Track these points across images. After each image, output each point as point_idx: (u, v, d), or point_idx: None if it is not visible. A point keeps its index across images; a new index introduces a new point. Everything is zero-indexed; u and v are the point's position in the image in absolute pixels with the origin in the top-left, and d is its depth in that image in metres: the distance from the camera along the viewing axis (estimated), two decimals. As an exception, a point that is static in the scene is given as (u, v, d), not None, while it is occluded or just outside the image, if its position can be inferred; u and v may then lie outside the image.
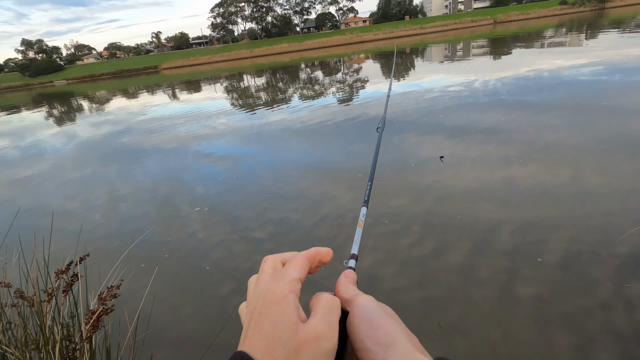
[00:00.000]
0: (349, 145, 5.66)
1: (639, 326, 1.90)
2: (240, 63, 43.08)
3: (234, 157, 5.95)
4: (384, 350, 0.33)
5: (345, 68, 19.90)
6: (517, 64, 11.65)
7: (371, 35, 54.98)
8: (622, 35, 16.25)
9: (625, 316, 1.97)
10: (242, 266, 2.93)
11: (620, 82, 7.24)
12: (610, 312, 2.01)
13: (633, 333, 1.87)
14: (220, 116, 9.78)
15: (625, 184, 3.35)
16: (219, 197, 4.36)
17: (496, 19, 54.07)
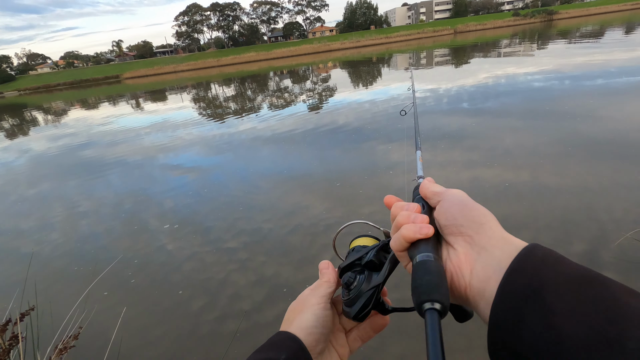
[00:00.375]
0: (320, 153, 5.68)
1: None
2: (207, 72, 42.38)
3: (203, 168, 5.81)
4: (477, 226, 0.36)
5: (314, 76, 20.10)
6: (477, 72, 12.26)
7: (338, 44, 55.98)
8: (569, 45, 17.56)
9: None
10: (215, 277, 2.84)
11: (570, 87, 7.79)
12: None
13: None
14: (188, 126, 9.54)
15: (579, 182, 3.59)
16: (189, 210, 4.23)
17: (456, 29, 56.78)
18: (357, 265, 0.51)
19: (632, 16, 37.34)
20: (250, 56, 55.84)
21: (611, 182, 3.49)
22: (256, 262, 2.99)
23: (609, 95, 6.67)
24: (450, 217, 0.38)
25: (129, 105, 17.91)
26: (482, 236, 0.36)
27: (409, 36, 56.03)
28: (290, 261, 2.93)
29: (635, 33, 19.18)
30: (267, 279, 2.75)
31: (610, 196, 3.21)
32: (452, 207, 0.39)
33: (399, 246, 0.40)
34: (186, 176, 5.51)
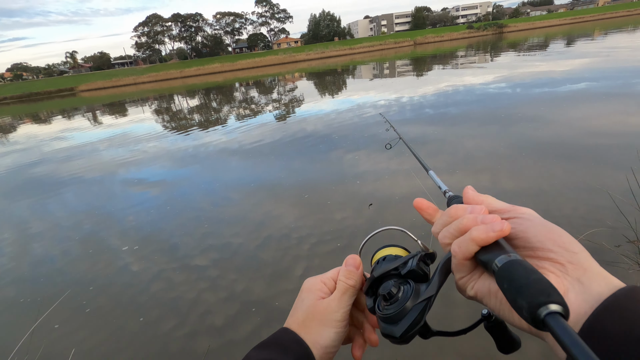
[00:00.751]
0: (289, 163, 5.67)
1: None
2: (170, 84, 41.27)
3: (167, 183, 5.61)
4: (570, 254, 0.34)
5: (281, 87, 20.15)
6: (436, 81, 12.84)
7: (304, 55, 56.60)
8: (518, 56, 18.86)
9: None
10: (184, 296, 2.73)
11: (521, 94, 8.35)
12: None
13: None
14: (151, 139, 9.20)
15: (533, 185, 3.82)
16: (153, 227, 4.05)
17: (416, 40, 59.30)
18: (393, 275, 0.43)
19: (571, 29, 40.82)
20: (215, 67, 55.08)
21: (561, 183, 3.75)
22: (227, 279, 2.91)
23: (556, 102, 7.21)
24: (536, 240, 0.35)
25: (86, 118, 17.02)
26: (577, 267, 0.33)
27: (372, 47, 57.76)
28: (262, 276, 2.88)
29: (575, 45, 20.95)
30: (237, 296, 2.68)
31: (562, 196, 3.45)
32: (537, 229, 0.35)
33: (466, 252, 0.35)
34: (149, 191, 5.29)
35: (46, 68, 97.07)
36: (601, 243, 2.43)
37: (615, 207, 2.28)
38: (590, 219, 2.86)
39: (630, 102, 6.53)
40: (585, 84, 8.58)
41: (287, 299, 2.56)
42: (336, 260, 2.92)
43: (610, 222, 2.58)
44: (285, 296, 2.59)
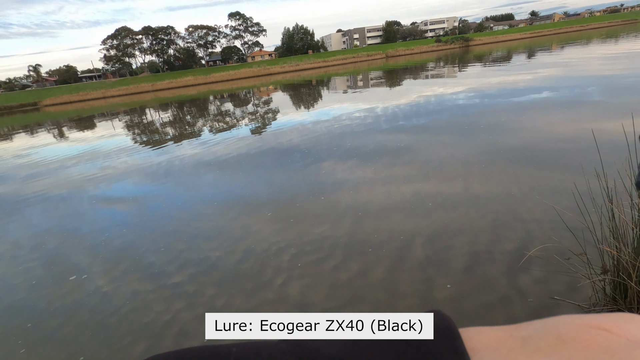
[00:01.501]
0: (266, 175, 5.63)
1: (531, 311, 2.22)
2: (141, 97, 40.28)
3: (140, 199, 5.42)
4: None
5: (256, 99, 20.11)
6: (409, 92, 13.23)
7: (278, 67, 56.91)
8: (484, 68, 19.79)
9: (520, 305, 2.28)
10: (160, 319, 2.61)
11: (488, 104, 8.73)
12: (508, 304, 2.31)
13: (530, 315, 2.17)
14: (121, 154, 8.90)
15: (503, 190, 3.98)
16: (125, 244, 3.89)
17: (387, 53, 61.05)
18: None
19: (531, 43, 43.36)
20: (188, 80, 54.33)
21: (529, 187, 3.92)
22: (205, 296, 2.82)
23: (520, 110, 7.58)
24: None
25: (51, 134, 16.26)
26: None
27: (345, 60, 58.91)
28: (242, 291, 2.82)
29: (536, 57, 22.24)
30: (217, 311, 2.59)
31: (530, 200, 3.60)
32: None
33: None
34: (120, 208, 5.09)
35: (7, 82, 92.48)
36: (552, 255, 2.57)
37: (564, 219, 2.41)
38: (545, 231, 3.00)
39: (585, 108, 6.97)
40: (546, 94, 9.10)
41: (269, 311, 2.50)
42: (319, 267, 2.90)
43: (559, 237, 2.70)
44: (267, 308, 2.54)
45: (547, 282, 2.43)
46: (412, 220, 3.52)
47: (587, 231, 2.07)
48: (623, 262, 1.82)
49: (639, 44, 21.32)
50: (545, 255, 2.64)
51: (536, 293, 2.34)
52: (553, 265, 2.54)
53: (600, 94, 8.14)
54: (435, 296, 2.44)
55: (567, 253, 2.50)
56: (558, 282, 2.40)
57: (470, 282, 2.54)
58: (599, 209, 2.03)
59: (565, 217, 2.65)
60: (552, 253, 2.63)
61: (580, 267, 2.32)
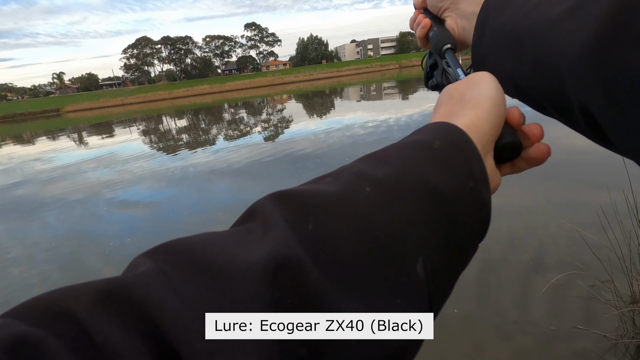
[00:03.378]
0: (278, 183, 5.65)
1: (552, 339, 2.13)
2: (158, 104, 41.24)
3: (155, 203, 5.50)
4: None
5: (269, 108, 20.34)
6: (422, 103, 13.17)
7: (292, 77, 57.57)
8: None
9: (540, 334, 2.20)
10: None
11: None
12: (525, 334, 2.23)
13: (550, 345, 2.08)
14: (138, 160, 9.09)
15: (518, 201, 3.89)
16: (140, 249, 3.93)
17: (401, 64, 61.11)
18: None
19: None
20: (204, 89, 55.39)
21: (544, 200, 3.82)
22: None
23: (538, 118, 7.43)
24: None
25: (71, 139, 16.76)
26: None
27: (359, 70, 59.21)
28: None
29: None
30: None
31: (545, 213, 3.50)
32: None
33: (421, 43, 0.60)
34: (136, 212, 5.17)
35: (32, 89, 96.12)
36: (577, 281, 2.45)
37: (588, 242, 2.33)
38: (565, 255, 2.90)
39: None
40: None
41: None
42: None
43: (583, 262, 2.60)
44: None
45: (571, 310, 2.33)
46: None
47: (614, 255, 1.99)
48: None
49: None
50: (568, 281, 2.54)
51: (557, 321, 2.25)
52: (577, 292, 2.44)
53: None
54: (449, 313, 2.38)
55: (592, 279, 2.39)
56: (582, 310, 2.29)
57: (486, 305, 2.47)
58: (628, 233, 1.95)
59: (590, 241, 2.54)
60: (575, 279, 2.53)
61: (605, 294, 2.22)
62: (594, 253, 2.25)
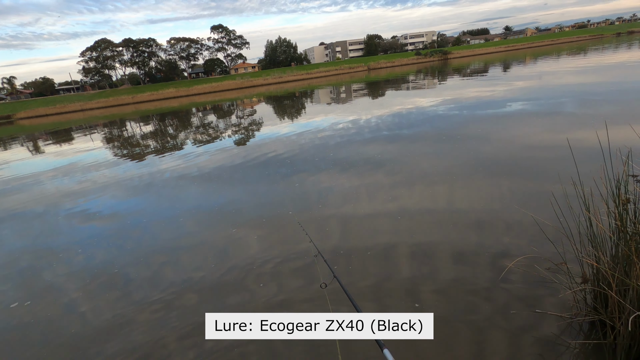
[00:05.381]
0: (251, 187, 5.57)
1: (515, 321, 2.23)
2: (121, 109, 39.53)
3: (120, 214, 5.25)
4: None
5: (239, 111, 20.03)
6: (391, 104, 13.45)
7: (261, 80, 57.04)
8: (462, 80, 20.38)
9: (502, 317, 2.30)
10: (141, 340, 2.50)
11: (468, 115, 8.96)
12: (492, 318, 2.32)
13: (516, 327, 2.18)
14: (101, 168, 8.65)
15: (483, 199, 4.05)
16: (105, 260, 3.74)
17: (369, 66, 62.19)
18: None
19: (506, 56, 45.06)
20: (170, 92, 53.72)
21: (508, 196, 4.01)
22: (191, 314, 2.73)
23: (499, 121, 7.81)
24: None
25: (25, 148, 15.70)
26: None
27: (328, 72, 59.63)
28: (227, 306, 2.74)
29: (511, 70, 23.09)
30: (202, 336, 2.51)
31: (510, 209, 3.68)
32: None
33: None
34: (100, 223, 4.91)
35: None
36: (533, 265, 2.61)
37: (543, 229, 2.47)
38: (525, 241, 3.06)
39: (560, 119, 7.24)
40: (523, 105, 9.42)
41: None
42: (308, 280, 2.86)
43: (540, 246, 2.75)
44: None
45: (529, 293, 2.46)
46: (393, 230, 3.53)
47: (567, 240, 2.12)
48: (602, 271, 1.86)
49: (606, 58, 22.46)
50: (527, 265, 2.68)
51: (518, 305, 2.37)
52: (534, 276, 2.57)
53: (574, 105, 8.49)
54: (421, 298, 2.43)
55: (548, 263, 2.55)
56: (539, 292, 2.43)
57: (453, 291, 2.55)
58: (577, 217, 2.08)
59: (545, 227, 2.71)
60: (532, 263, 2.67)
61: (561, 277, 2.37)
62: (549, 238, 2.39)
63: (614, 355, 1.80)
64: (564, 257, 2.20)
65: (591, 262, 1.94)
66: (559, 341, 2.02)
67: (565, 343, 2.00)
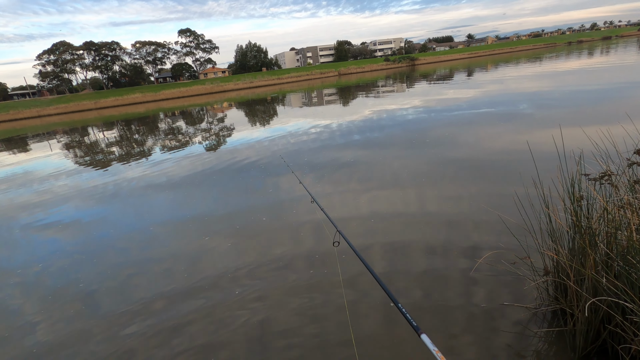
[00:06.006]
0: (223, 194, 5.47)
1: (484, 314, 2.33)
2: (83, 115, 37.64)
3: (83, 224, 4.99)
4: None
5: (210, 117, 19.65)
6: (362, 108, 13.69)
7: (232, 84, 56.31)
8: (430, 85, 21.11)
9: (475, 308, 2.39)
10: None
11: (436, 118, 9.29)
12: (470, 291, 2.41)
13: (486, 319, 2.28)
14: (61, 177, 8.19)
15: (452, 194, 4.21)
16: (66, 278, 3.54)
17: (340, 71, 63.03)
18: None
19: (469, 63, 47.16)
20: (136, 97, 51.80)
21: (475, 196, 4.19)
22: (162, 330, 2.63)
23: (464, 124, 8.15)
24: None
25: (-25, 157, 14.56)
26: None
27: (300, 77, 59.84)
28: (199, 317, 2.67)
29: (474, 76, 24.18)
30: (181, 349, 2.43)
31: (479, 206, 3.84)
32: None
33: None
34: (60, 236, 4.64)
35: None
36: (500, 260, 2.76)
37: (509, 225, 2.62)
38: (492, 238, 3.22)
39: (520, 121, 7.67)
40: (486, 109, 9.89)
41: (234, 346, 2.39)
42: (279, 282, 2.84)
43: (505, 242, 2.91)
44: (231, 347, 2.42)
45: (497, 286, 2.58)
46: (368, 231, 3.59)
47: (530, 236, 2.25)
48: (561, 263, 1.98)
49: (559, 65, 24.05)
50: (494, 261, 2.81)
51: (487, 298, 2.48)
52: (501, 270, 2.70)
53: (532, 108, 9.01)
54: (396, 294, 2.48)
55: (513, 258, 2.69)
56: (507, 285, 2.56)
57: (426, 289, 2.63)
58: (538, 214, 2.21)
59: (510, 224, 2.86)
60: (500, 258, 2.81)
61: (525, 270, 2.50)
62: (513, 235, 2.53)
63: (574, 340, 1.93)
64: (527, 251, 2.33)
65: (551, 255, 2.07)
66: (526, 331, 2.13)
67: (532, 332, 2.11)
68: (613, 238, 1.79)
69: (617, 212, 1.81)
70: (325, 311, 2.55)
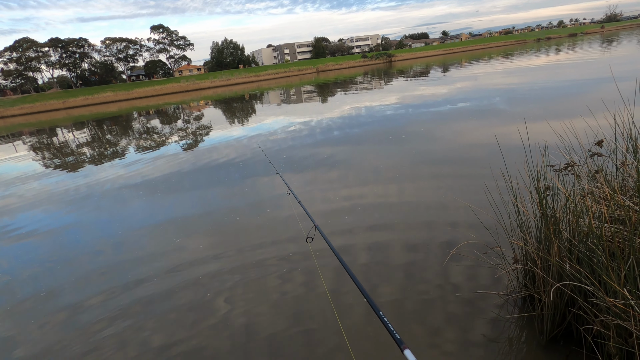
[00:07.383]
0: (202, 194, 5.39)
1: (460, 302, 2.42)
2: (50, 116, 35.98)
3: (53, 230, 4.80)
4: None
5: (186, 115, 19.23)
6: (341, 105, 13.76)
7: (208, 82, 55.23)
8: (406, 81, 21.43)
9: (452, 297, 2.47)
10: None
11: (413, 114, 9.46)
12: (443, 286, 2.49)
13: (460, 306, 2.36)
14: (28, 181, 7.83)
15: (426, 187, 4.32)
16: (37, 285, 3.40)
17: (318, 68, 62.96)
18: None
19: (445, 59, 48.16)
20: (107, 96, 49.96)
21: (448, 189, 4.31)
22: (140, 334, 2.58)
23: (439, 120, 8.34)
24: None
25: None
26: None
27: (277, 74, 59.37)
28: (180, 320, 2.63)
29: (449, 72, 24.73)
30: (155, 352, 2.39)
31: (451, 198, 3.96)
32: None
33: None
34: (28, 242, 4.45)
35: None
36: (473, 250, 2.87)
37: (480, 217, 2.73)
38: (466, 229, 3.34)
39: (492, 116, 7.93)
40: (460, 104, 10.15)
41: (213, 340, 2.37)
42: (261, 286, 2.83)
43: (478, 233, 3.02)
44: (210, 338, 2.40)
45: (470, 275, 2.67)
46: (347, 226, 3.63)
47: (500, 226, 2.34)
48: (529, 251, 2.08)
49: (529, 61, 24.93)
50: (467, 251, 2.91)
51: (461, 287, 2.57)
52: (474, 260, 2.81)
53: (503, 104, 9.32)
54: (374, 283, 2.54)
55: (485, 248, 2.79)
56: (479, 274, 2.66)
57: (400, 280, 2.69)
58: (507, 205, 2.31)
59: (481, 215, 2.96)
60: (472, 249, 2.91)
61: (497, 259, 2.61)
62: (484, 225, 2.63)
63: (542, 324, 2.03)
64: (498, 241, 2.43)
65: (520, 244, 2.16)
66: (499, 318, 2.22)
67: (504, 319, 2.21)
68: (575, 225, 1.89)
69: (579, 200, 1.91)
70: (308, 307, 2.57)
